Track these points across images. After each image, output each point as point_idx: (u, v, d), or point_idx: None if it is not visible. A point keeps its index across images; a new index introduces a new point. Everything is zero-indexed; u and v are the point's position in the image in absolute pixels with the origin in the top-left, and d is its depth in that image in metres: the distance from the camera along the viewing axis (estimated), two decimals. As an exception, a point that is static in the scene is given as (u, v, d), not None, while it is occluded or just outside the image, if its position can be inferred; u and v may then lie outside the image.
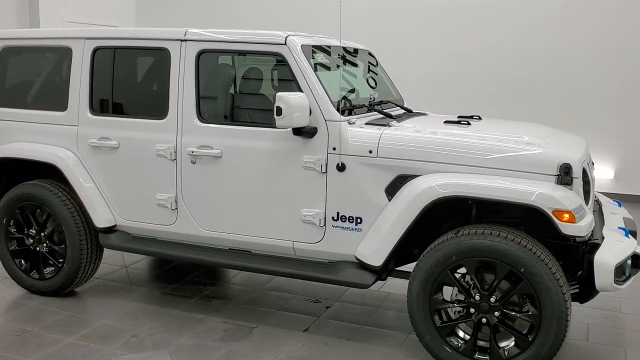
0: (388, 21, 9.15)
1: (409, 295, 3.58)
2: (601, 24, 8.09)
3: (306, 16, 9.64)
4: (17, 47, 4.72)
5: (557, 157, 3.44)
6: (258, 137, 3.94)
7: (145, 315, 4.36)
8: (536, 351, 3.33)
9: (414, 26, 9.03)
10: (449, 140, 3.63)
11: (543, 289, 3.25)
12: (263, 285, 4.99)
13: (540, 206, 3.23)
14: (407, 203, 3.51)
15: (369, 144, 3.70)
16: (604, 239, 3.48)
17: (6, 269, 4.76)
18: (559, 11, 8.28)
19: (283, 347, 3.90)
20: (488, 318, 3.43)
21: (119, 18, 10.49)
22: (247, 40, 3.97)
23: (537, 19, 8.39)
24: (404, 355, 3.83)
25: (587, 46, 8.17)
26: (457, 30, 8.80)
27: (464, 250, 3.38)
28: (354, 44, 4.76)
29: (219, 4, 10.31)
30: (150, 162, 4.22)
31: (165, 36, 4.15)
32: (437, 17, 8.92)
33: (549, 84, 8.40)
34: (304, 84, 3.80)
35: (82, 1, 9.88)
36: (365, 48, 4.91)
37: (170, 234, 4.28)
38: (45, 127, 4.56)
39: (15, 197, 4.59)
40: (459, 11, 8.79)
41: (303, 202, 3.87)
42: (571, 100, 8.31)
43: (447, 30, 8.86)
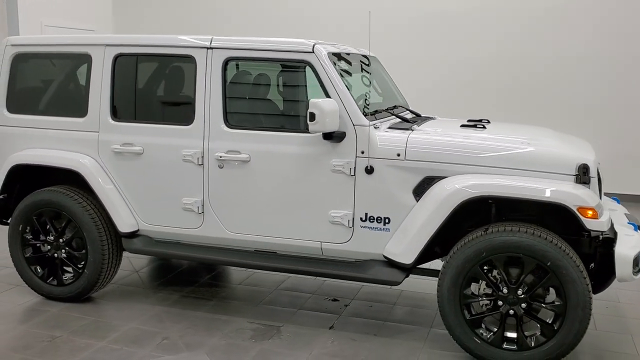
0: (390, 28, 9.31)
1: (439, 291, 3.77)
2: (602, 27, 8.44)
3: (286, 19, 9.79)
4: (30, 53, 4.71)
5: (575, 158, 3.70)
6: (287, 141, 4.07)
7: (170, 318, 4.42)
8: (562, 339, 3.57)
9: (414, 33, 9.19)
10: (473, 143, 3.85)
11: (569, 281, 3.49)
12: (278, 286, 5.11)
13: (566, 204, 3.48)
14: (438, 203, 3.70)
15: (397, 147, 3.88)
16: (616, 233, 3.75)
17: (21, 276, 4.74)
18: (558, 18, 8.60)
19: (314, 344, 4.04)
20: (515, 310, 3.65)
21: (97, 22, 10.44)
22: (274, 48, 4.10)
23: (537, 25, 8.69)
24: (430, 348, 4.02)
25: (583, 49, 8.52)
26: (457, 37, 9.01)
27: (494, 246, 3.59)
28: (363, 50, 4.94)
29: (196, 7, 10.35)
30: (176, 167, 4.30)
31: (191, 44, 4.24)
32: (439, 24, 9.11)
33: (547, 87, 8.72)
34: (332, 90, 3.96)
35: (61, 5, 9.78)
36: (372, 54, 5.09)
37: (196, 237, 4.36)
38: (62, 133, 4.57)
39: (33, 204, 4.58)
40: (460, 18, 9.00)
41: (331, 204, 4.02)
42: (559, 102, 8.69)
43: (446, 36, 9.06)
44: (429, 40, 9.17)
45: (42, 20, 9.43)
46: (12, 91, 4.75)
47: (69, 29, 9.76)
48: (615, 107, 8.52)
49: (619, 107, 8.51)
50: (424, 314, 4.61)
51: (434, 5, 9.12)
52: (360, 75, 4.56)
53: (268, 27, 9.85)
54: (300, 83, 4.17)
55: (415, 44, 9.21)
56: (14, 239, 4.69)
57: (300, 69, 4.10)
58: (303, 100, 4.18)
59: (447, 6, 9.07)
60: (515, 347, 3.68)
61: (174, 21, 10.43)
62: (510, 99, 8.87)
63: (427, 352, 3.95)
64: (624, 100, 8.48)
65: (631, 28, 8.34)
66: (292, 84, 4.28)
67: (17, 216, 4.65)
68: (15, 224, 4.67)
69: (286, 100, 4.35)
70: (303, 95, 4.27)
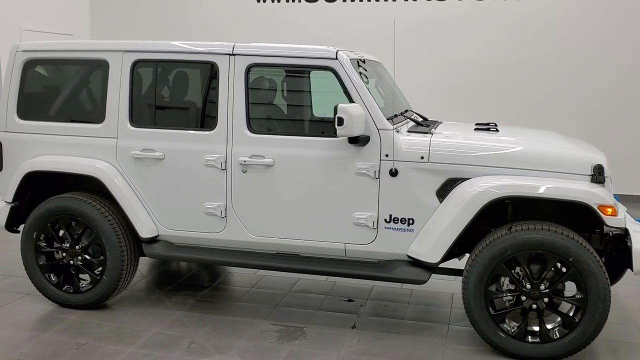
0: (381, 35, 9.45)
1: (465, 288, 3.92)
2: (594, 32, 8.79)
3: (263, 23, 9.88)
4: (42, 59, 4.68)
5: (590, 159, 3.92)
6: (311, 146, 4.17)
7: (192, 322, 4.45)
8: (583, 330, 3.76)
9: (406, 39, 9.25)
10: (494, 145, 4.03)
11: (590, 275, 3.69)
12: (291, 289, 5.19)
13: (588, 202, 3.68)
14: (465, 203, 3.85)
15: (421, 150, 4.03)
16: (627, 230, 3.97)
17: (35, 284, 4.69)
18: (550, 23, 8.90)
19: (340, 343, 4.14)
20: (538, 304, 3.83)
21: (75, 27, 10.30)
22: (297, 54, 4.19)
23: (530, 30, 8.97)
24: (452, 344, 4.17)
25: (580, 53, 8.86)
26: (449, 43, 9.22)
27: (519, 244, 3.76)
28: (369, 56, 5.07)
29: (173, 13, 10.31)
30: (199, 172, 4.33)
31: (213, 50, 4.29)
32: (432, 30, 9.29)
33: (541, 90, 9.01)
34: (356, 95, 4.08)
35: (39, 10, 9.62)
36: (377, 60, 5.23)
37: (218, 240, 4.40)
38: (77, 139, 4.55)
39: (48, 211, 4.54)
40: (453, 24, 9.21)
41: (356, 206, 4.14)
42: (553, 105, 8.98)
43: (439, 42, 9.24)
44: (421, 46, 9.36)
45: (21, 25, 9.25)
46: (23, 97, 4.71)
47: (47, 33, 9.63)
48: (606, 111, 8.87)
49: (610, 110, 8.86)
50: (439, 311, 4.76)
51: (427, 12, 9.29)
52: (374, 81, 4.69)
53: (248, 32, 9.90)
54: (329, 89, 4.26)
55: (406, 50, 9.39)
56: (27, 247, 4.64)
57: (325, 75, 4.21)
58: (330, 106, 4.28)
59: (440, 12, 9.27)
60: (538, 340, 3.86)
61: (151, 26, 10.37)
62: (505, 102, 9.08)
63: (451, 348, 4.09)
64: (615, 104, 8.84)
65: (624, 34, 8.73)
66: (313, 89, 4.37)
67: (32, 224, 4.60)
68: (29, 232, 4.62)
69: (309, 106, 4.45)
70: (329, 101, 4.37)
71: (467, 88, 9.26)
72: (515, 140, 4.15)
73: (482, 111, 8.79)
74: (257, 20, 9.94)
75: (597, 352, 4.03)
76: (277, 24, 9.84)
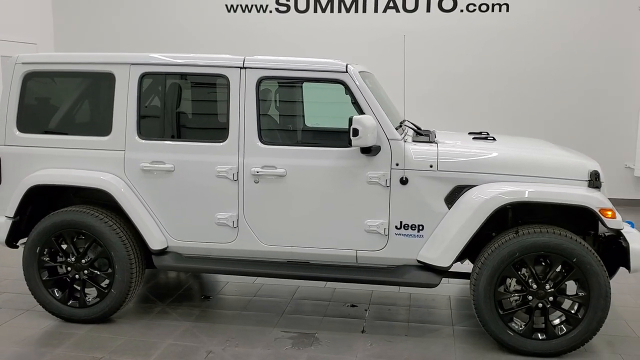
0: (351, 46, 9.64)
1: (475, 290, 4.11)
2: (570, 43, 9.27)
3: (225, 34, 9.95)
4: (43, 71, 4.63)
5: (587, 165, 4.20)
6: (323, 156, 4.29)
7: (203, 332, 4.48)
8: (586, 326, 4.02)
9: (388, 51, 9.45)
10: (498, 154, 4.25)
11: (592, 274, 3.95)
12: (292, 296, 5.28)
13: (590, 206, 3.94)
14: (475, 209, 4.05)
15: (430, 159, 4.21)
16: (619, 231, 4.25)
17: (38, 299, 4.61)
18: (527, 35, 9.34)
19: (355, 348, 4.26)
20: (544, 303, 4.06)
21: (38, 36, 10.08)
22: (308, 68, 4.31)
23: (509, 43, 9.39)
24: (461, 343, 4.35)
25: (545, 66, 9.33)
26: (433, 53, 9.49)
27: (526, 246, 3.99)
28: (361, 67, 5.23)
29: (139, 23, 10.24)
30: (210, 183, 4.38)
31: (224, 63, 4.35)
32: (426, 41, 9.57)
33: (521, 99, 9.43)
34: (367, 107, 4.23)
35: (2, 19, 9.39)
36: (368, 71, 5.39)
37: (229, 250, 4.45)
38: (82, 152, 4.52)
39: (54, 225, 4.49)
40: (429, 37, 9.53)
41: (367, 214, 4.28)
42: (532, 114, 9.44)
43: (420, 54, 9.47)
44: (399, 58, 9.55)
45: (-16, 33, 9.02)
46: (23, 110, 4.63)
47: (10, 42, 9.40)
48: (583, 118, 9.36)
49: (588, 117, 9.35)
50: (440, 313, 4.95)
51: (407, 26, 9.54)
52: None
53: (217, 41, 9.92)
54: (339, 100, 4.39)
55: (386, 62, 9.57)
56: (30, 262, 4.56)
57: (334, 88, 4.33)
58: (340, 117, 4.41)
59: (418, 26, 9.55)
60: (545, 336, 4.09)
61: (118, 36, 10.26)
62: (485, 111, 9.42)
63: (460, 348, 4.28)
64: (592, 111, 9.34)
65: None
66: (328, 101, 4.49)
67: (35, 238, 4.53)
68: (32, 247, 4.54)
69: (321, 117, 4.57)
70: (338, 112, 4.50)
71: (443, 98, 9.56)
72: (515, 149, 4.38)
73: (458, 120, 9.13)
74: (228, 29, 9.98)
75: (596, 346, 4.29)
76: (247, 34, 9.93)
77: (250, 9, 9.94)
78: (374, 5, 9.63)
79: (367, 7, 9.64)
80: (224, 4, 10.00)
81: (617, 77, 9.21)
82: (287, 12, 9.86)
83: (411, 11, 9.58)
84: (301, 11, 9.82)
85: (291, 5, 9.82)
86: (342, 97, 4.57)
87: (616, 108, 9.28)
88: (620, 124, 9.27)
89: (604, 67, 9.21)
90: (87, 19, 10.42)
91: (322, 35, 9.68)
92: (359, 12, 9.68)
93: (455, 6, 9.45)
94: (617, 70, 9.19)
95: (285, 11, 9.86)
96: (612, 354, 4.22)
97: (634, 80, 9.17)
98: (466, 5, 9.42)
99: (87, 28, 10.42)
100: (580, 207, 3.99)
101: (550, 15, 9.25)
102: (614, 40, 9.13)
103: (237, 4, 9.97)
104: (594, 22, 9.15)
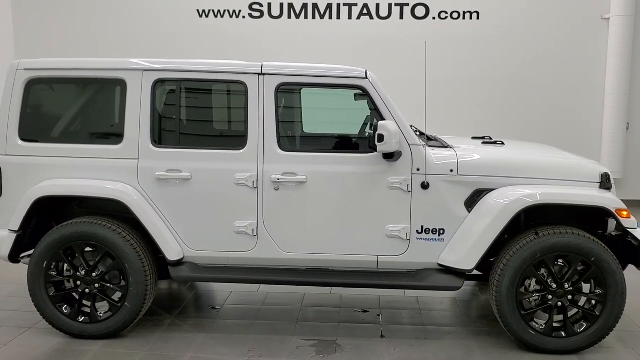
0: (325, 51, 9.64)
1: (497, 292, 4.19)
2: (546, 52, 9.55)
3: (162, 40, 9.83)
4: (48, 78, 4.44)
5: (598, 168, 4.36)
6: (344, 162, 4.29)
7: (221, 344, 4.39)
8: (604, 322, 4.16)
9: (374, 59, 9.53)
10: (514, 158, 4.37)
11: (610, 272, 4.10)
12: (301, 304, 5.24)
13: (607, 207, 4.10)
14: (497, 212, 4.13)
15: (450, 164, 4.27)
16: (626, 230, 4.42)
17: (45, 316, 4.40)
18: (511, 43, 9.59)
19: (379, 353, 4.27)
20: (563, 302, 4.19)
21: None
22: (327, 74, 4.31)
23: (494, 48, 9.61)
24: (482, 344, 4.43)
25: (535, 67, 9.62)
26: (415, 60, 9.39)
27: (547, 247, 4.10)
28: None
29: (109, 28, 9.97)
30: (229, 191, 4.31)
31: (242, 70, 4.30)
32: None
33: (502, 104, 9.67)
34: (387, 112, 4.26)
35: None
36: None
37: (248, 259, 4.39)
38: (92, 161, 4.36)
39: (63, 238, 4.30)
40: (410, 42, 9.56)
41: (389, 219, 4.30)
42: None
43: (405, 59, 9.53)
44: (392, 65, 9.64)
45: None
46: (26, 119, 4.43)
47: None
48: (559, 121, 9.67)
49: (564, 120, 9.67)
50: (452, 316, 5.03)
51: (380, 33, 9.67)
52: None
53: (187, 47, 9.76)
54: (359, 107, 4.40)
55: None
56: (36, 278, 4.35)
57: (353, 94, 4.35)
58: (361, 123, 4.43)
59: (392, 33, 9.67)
60: (564, 334, 4.21)
61: (87, 43, 9.93)
62: (457, 116, 9.59)
63: (482, 349, 4.35)
64: (569, 115, 9.67)
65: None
66: (349, 108, 4.49)
67: (42, 252, 4.33)
68: (39, 261, 4.34)
69: (340, 124, 4.56)
70: (359, 118, 4.51)
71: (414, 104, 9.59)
72: (529, 153, 4.51)
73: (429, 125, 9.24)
74: (200, 34, 9.84)
75: (607, 342, 4.44)
76: (219, 39, 9.81)
77: (223, 14, 9.84)
78: (347, 13, 9.70)
79: (341, 14, 9.70)
80: (196, 9, 9.85)
81: (582, 84, 9.61)
82: (261, 18, 9.81)
83: (384, 18, 9.70)
84: (275, 17, 9.79)
85: (265, 11, 9.78)
86: (351, 104, 4.60)
87: (582, 114, 9.68)
88: (585, 128, 9.66)
89: (570, 74, 9.59)
90: (49, 28, 10.03)
91: (296, 42, 9.67)
92: (333, 18, 9.73)
93: (428, 14, 9.63)
94: (581, 78, 9.59)
95: (259, 17, 9.81)
96: (625, 349, 4.39)
97: (597, 86, 9.58)
98: (438, 13, 9.62)
99: (50, 37, 10.02)
100: (598, 208, 4.14)
101: (518, 24, 9.56)
102: (579, 49, 9.53)
103: (209, 9, 9.84)
104: (560, 30, 9.52)
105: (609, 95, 9.43)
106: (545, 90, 9.65)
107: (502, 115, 9.69)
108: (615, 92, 9.34)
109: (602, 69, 9.51)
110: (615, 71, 9.29)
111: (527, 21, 9.55)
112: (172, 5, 9.87)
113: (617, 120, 9.41)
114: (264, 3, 9.76)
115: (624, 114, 9.43)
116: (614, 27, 9.26)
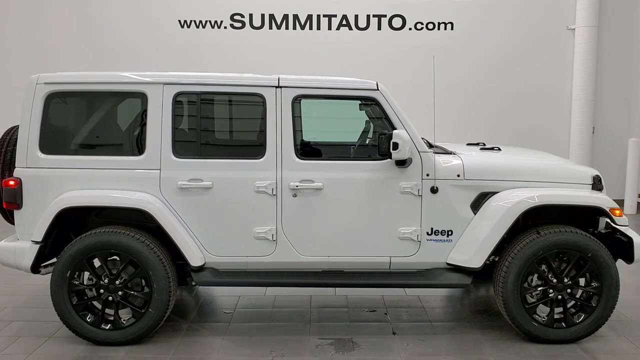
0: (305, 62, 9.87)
1: (503, 288, 4.50)
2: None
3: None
4: (67, 92, 4.55)
5: (590, 171, 4.74)
6: (359, 169, 4.55)
7: (244, 345, 4.57)
8: (600, 313, 4.53)
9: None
10: (515, 163, 4.71)
11: (605, 266, 4.47)
12: (310, 305, 5.45)
13: (602, 206, 4.47)
14: (502, 213, 4.45)
15: (457, 169, 4.58)
16: (615, 228, 4.80)
17: (69, 325, 4.49)
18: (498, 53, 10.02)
19: (395, 349, 4.52)
20: (562, 295, 4.53)
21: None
22: (340, 86, 4.57)
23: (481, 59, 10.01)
24: (488, 336, 4.73)
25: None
26: (393, 69, 9.91)
27: (549, 245, 4.44)
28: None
29: (88, 36, 10.01)
30: (249, 199, 4.50)
31: (260, 83, 4.51)
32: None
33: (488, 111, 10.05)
34: (398, 122, 4.54)
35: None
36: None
37: (268, 263, 4.59)
38: (113, 172, 4.49)
39: (87, 247, 4.42)
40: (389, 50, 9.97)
41: (401, 222, 4.57)
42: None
43: (383, 68, 9.84)
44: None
45: None
46: (46, 132, 4.52)
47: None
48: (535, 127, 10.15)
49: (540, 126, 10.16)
50: (454, 312, 5.33)
51: (359, 43, 9.94)
52: None
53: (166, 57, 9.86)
54: (376, 116, 4.64)
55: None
56: (59, 287, 4.45)
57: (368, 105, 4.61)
58: (375, 132, 4.68)
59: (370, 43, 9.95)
60: (565, 325, 4.55)
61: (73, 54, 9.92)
62: (432, 122, 9.86)
63: (489, 341, 4.66)
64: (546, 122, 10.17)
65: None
66: (354, 117, 4.75)
67: (66, 261, 4.43)
68: (63, 271, 4.44)
69: (352, 132, 4.81)
70: (360, 126, 4.77)
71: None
72: (527, 158, 4.87)
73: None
74: (181, 45, 9.95)
75: (602, 331, 4.79)
76: (200, 49, 9.94)
77: (205, 25, 9.98)
78: (327, 23, 9.98)
79: (321, 25, 9.97)
80: (177, 20, 9.96)
81: (550, 91, 10.14)
82: (242, 29, 9.99)
83: (363, 29, 10.02)
84: (256, 27, 9.99)
85: (246, 22, 9.97)
86: (357, 113, 4.86)
87: (551, 119, 10.21)
88: (554, 133, 10.19)
89: (538, 82, 10.11)
90: (33, 34, 9.99)
91: (278, 52, 9.90)
92: (314, 29, 9.99)
93: (405, 25, 10.00)
94: (550, 85, 10.13)
95: (240, 27, 9.99)
96: (618, 336, 4.77)
97: (565, 93, 10.13)
98: (414, 24, 10.00)
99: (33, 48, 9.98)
100: (594, 208, 4.50)
101: (490, 34, 10.03)
102: (547, 57, 10.05)
103: (190, 19, 9.97)
104: (529, 40, 10.05)
105: (575, 101, 9.98)
106: (515, 97, 10.14)
107: (475, 122, 10.12)
108: (582, 98, 9.89)
109: (569, 77, 10.06)
110: (581, 78, 9.84)
111: (498, 32, 10.03)
112: (153, 15, 9.96)
113: (583, 125, 9.96)
114: (245, 14, 9.95)
115: (590, 119, 9.99)
116: (579, 38, 9.82)
